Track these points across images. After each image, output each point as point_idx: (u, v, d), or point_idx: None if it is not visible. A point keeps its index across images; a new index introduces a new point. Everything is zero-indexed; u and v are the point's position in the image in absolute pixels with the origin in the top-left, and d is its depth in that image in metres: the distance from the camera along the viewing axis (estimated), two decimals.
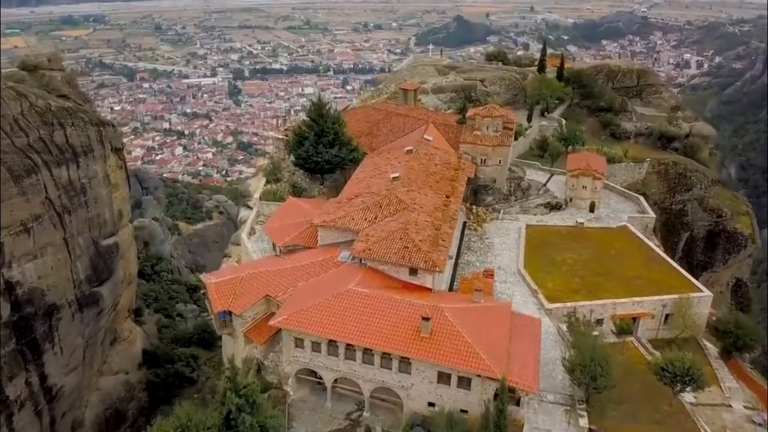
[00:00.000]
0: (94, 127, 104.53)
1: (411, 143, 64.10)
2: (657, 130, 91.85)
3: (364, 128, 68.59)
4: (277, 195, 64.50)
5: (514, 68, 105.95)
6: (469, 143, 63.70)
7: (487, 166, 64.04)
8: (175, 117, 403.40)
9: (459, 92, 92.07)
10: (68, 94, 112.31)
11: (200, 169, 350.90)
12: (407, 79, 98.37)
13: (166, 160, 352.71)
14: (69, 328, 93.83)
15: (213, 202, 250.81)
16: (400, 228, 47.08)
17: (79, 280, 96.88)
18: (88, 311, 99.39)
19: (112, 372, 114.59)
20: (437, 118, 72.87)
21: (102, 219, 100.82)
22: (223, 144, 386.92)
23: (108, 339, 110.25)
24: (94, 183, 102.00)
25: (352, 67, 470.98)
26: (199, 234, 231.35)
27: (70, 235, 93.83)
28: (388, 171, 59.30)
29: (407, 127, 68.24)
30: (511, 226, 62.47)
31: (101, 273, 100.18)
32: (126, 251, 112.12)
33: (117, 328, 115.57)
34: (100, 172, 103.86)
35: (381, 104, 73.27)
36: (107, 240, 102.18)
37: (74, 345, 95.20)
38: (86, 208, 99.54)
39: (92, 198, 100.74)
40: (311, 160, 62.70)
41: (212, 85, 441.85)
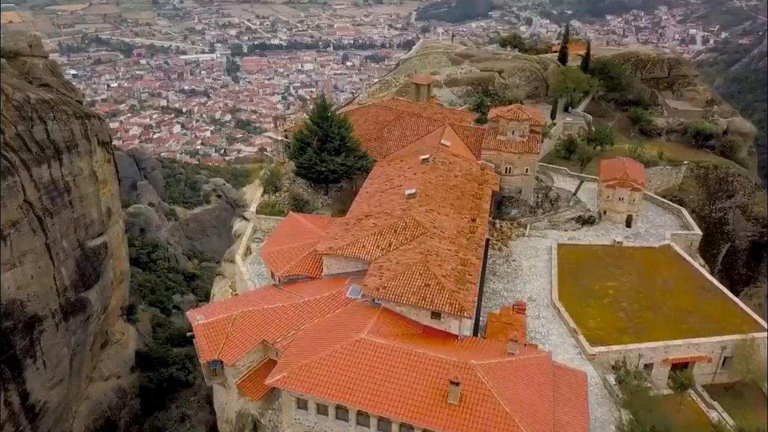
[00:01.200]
0: (79, 120, 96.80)
1: (426, 149, 56.67)
2: (693, 127, 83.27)
3: (373, 131, 60.90)
4: (276, 207, 56.98)
5: (534, 57, 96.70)
6: (493, 150, 56.19)
7: (512, 176, 56.54)
8: (173, 94, 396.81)
9: (475, 85, 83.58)
10: (51, 83, 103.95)
11: (198, 148, 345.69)
12: (417, 69, 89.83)
13: (164, 138, 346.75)
14: (53, 339, 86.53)
15: (211, 185, 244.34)
16: (420, 260, 41.11)
17: (63, 287, 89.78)
18: (74, 319, 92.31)
19: (102, 378, 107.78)
20: (454, 118, 65.05)
21: (89, 219, 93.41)
22: (221, 122, 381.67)
23: (98, 343, 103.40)
24: (80, 181, 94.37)
25: (353, 43, 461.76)
26: (196, 219, 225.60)
27: (52, 239, 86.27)
28: (402, 184, 52.02)
29: (421, 130, 60.68)
30: (539, 244, 55.08)
31: (88, 277, 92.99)
32: (116, 250, 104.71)
33: (108, 330, 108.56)
34: (86, 168, 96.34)
35: (392, 102, 65.47)
36: (95, 240, 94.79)
37: (59, 357, 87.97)
38: (71, 209, 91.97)
39: (77, 197, 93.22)
40: (314, 169, 55.21)
41: (210, 62, 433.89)
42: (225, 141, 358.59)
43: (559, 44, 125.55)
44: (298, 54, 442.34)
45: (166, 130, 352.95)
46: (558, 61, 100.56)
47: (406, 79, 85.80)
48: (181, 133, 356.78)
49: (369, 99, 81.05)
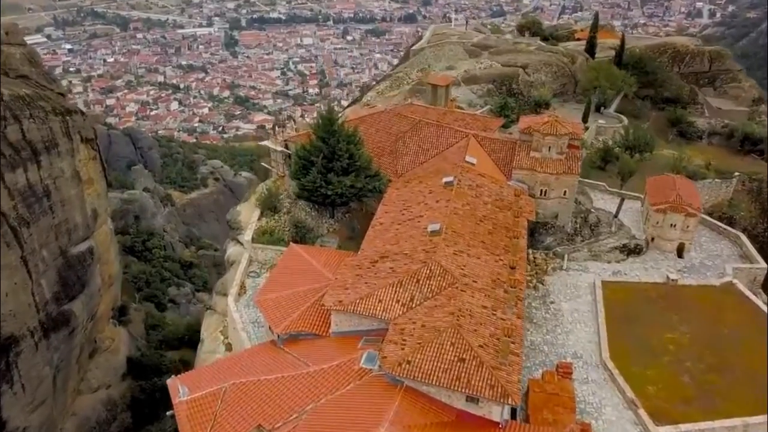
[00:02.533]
0: (59, 116, 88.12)
1: (449, 168, 49.57)
2: (740, 130, 74.06)
3: (385, 143, 52.71)
4: (275, 235, 48.73)
5: (559, 49, 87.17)
6: (526, 170, 48.28)
7: (548, 199, 48.53)
8: (170, 70, 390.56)
9: (497, 83, 74.35)
10: (29, 75, 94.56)
11: (196, 125, 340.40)
12: (431, 63, 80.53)
13: (161, 116, 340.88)
14: (32, 360, 78.70)
15: (208, 168, 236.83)
16: (450, 323, 34.37)
17: (44, 301, 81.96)
18: (57, 335, 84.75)
19: (91, 389, 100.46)
20: (477, 125, 56.24)
21: (72, 224, 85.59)
22: (219, 98, 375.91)
23: (86, 353, 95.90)
24: (61, 183, 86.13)
25: (353, 17, 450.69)
26: (193, 203, 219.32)
27: (30, 251, 77.99)
28: (422, 215, 45.37)
29: (441, 142, 52.62)
30: (580, 280, 47.25)
31: (72, 287, 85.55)
32: (104, 253, 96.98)
33: (97, 337, 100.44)
34: (68, 169, 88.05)
35: (406, 108, 56.88)
36: (79, 246, 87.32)
37: (40, 377, 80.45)
38: (51, 215, 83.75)
39: (58, 201, 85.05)
40: (319, 192, 46.26)
41: (208, 36, 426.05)
42: (223, 118, 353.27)
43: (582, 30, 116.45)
44: (297, 28, 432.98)
45: (163, 106, 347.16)
46: (586, 53, 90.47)
47: (419, 75, 76.66)
48: (179, 109, 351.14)
49: (378, 98, 71.97)
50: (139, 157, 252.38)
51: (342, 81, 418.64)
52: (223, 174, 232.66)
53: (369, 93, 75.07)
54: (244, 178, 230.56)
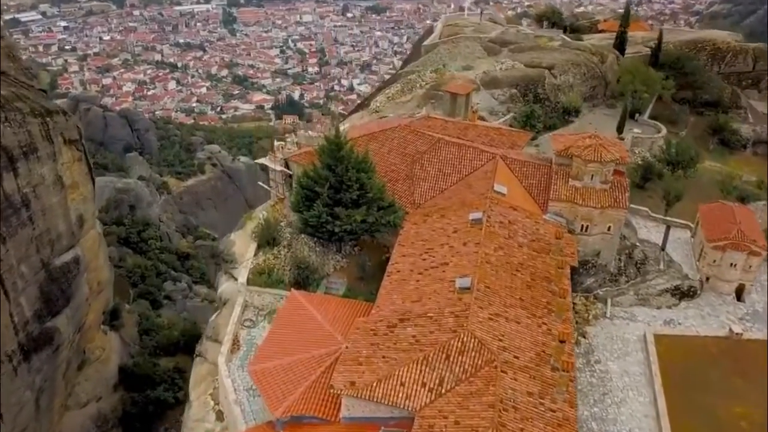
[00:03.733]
0: (38, 118, 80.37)
1: (474, 199, 44.88)
2: None
3: (400, 166, 45.54)
4: (274, 276, 41.41)
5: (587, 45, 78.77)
6: (565, 202, 39.79)
7: (589, 235, 41.41)
8: (168, 48, 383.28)
9: (520, 86, 66.27)
10: (7, 71, 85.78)
11: (194, 105, 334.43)
12: (446, 62, 72.28)
13: (159, 96, 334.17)
14: (11, 386, 71.68)
15: (206, 153, 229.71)
16: (491, 420, 28.09)
17: (23, 321, 74.99)
18: (39, 355, 77.90)
19: (79, 405, 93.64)
20: (502, 140, 49.09)
21: (54, 233, 78.60)
22: (217, 78, 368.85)
23: (74, 366, 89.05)
24: (41, 191, 78.47)
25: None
26: (190, 191, 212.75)
27: (6, 268, 70.75)
28: (447, 261, 40.33)
29: (464, 165, 45.56)
30: (628, 331, 40.50)
31: (56, 302, 78.81)
32: (92, 260, 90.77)
33: (86, 348, 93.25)
34: (49, 174, 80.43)
35: (423, 123, 49.81)
36: (63, 257, 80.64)
37: (21, 403, 73.59)
38: (31, 226, 76.39)
39: (39, 210, 77.59)
40: (325, 228, 38.51)
41: (206, 13, 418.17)
42: (221, 98, 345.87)
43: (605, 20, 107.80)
44: (296, 5, 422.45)
45: (160, 86, 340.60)
46: (615, 48, 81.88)
47: (433, 76, 68.52)
48: (176, 89, 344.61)
49: (389, 104, 63.99)
50: (136, 139, 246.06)
51: (342, 59, 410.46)
52: (221, 159, 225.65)
53: (378, 97, 67.19)
54: (243, 164, 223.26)
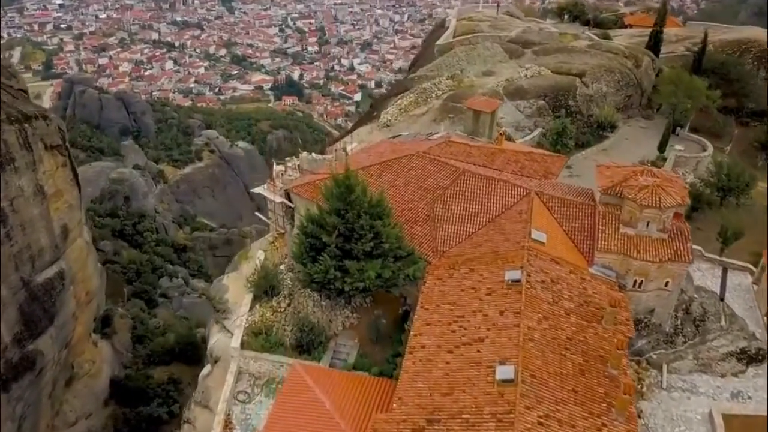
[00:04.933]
0: (15, 125, 73.74)
1: (509, 248, 37.70)
2: None
3: (419, 203, 38.81)
4: (273, 337, 35.37)
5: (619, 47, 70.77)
6: (616, 255, 32.52)
7: (643, 292, 34.55)
8: (165, 26, 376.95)
9: (549, 97, 58.45)
10: None
11: (192, 86, 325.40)
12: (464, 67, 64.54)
13: (156, 76, 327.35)
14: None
15: (203, 139, 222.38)
16: None
17: (2, 347, 67.88)
18: (20, 383, 71.96)
19: (68, 424, 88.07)
20: (534, 168, 42.35)
21: (36, 248, 72.44)
22: (215, 57, 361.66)
23: (61, 383, 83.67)
24: (20, 204, 71.81)
25: None
26: (187, 179, 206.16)
27: None
28: (482, 336, 32.54)
29: (494, 203, 38.71)
30: (689, 408, 35.41)
31: (38, 322, 73.62)
32: (79, 271, 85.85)
33: (74, 362, 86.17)
34: (29, 186, 73.57)
35: (444, 149, 43.16)
36: (46, 272, 75.76)
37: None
38: (9, 242, 70.32)
39: (18, 225, 71.03)
40: (333, 286, 31.39)
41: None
42: (220, 78, 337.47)
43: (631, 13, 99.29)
44: None
45: (157, 66, 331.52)
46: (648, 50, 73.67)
47: (450, 83, 60.77)
48: (174, 69, 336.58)
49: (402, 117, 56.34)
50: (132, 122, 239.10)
51: (342, 38, 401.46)
52: (219, 145, 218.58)
53: (389, 108, 59.33)
54: (241, 149, 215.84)
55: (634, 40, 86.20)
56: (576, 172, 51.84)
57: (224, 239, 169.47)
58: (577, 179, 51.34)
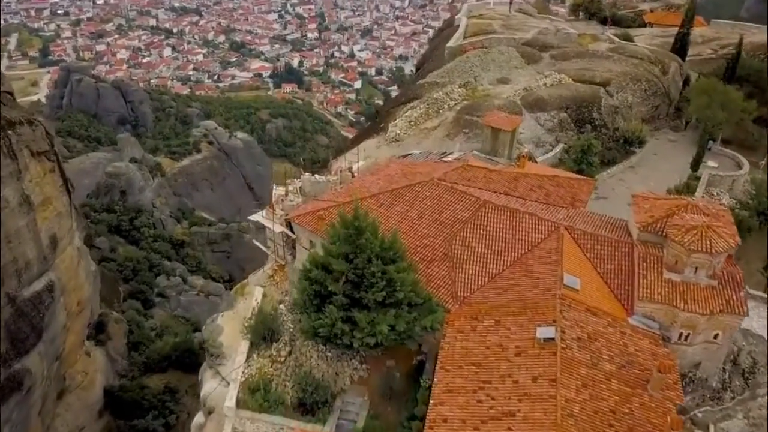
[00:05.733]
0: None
1: (538, 296, 33.35)
2: None
3: (435, 239, 35.56)
4: (272, 393, 32.90)
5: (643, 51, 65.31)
6: (659, 304, 28.25)
7: (689, 345, 29.69)
8: (163, 12, 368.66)
9: (571, 109, 53.43)
10: None
11: (190, 73, 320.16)
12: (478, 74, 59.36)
13: (154, 63, 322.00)
14: None
15: (201, 130, 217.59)
16: None
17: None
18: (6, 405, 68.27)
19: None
20: (560, 195, 38.06)
21: (22, 261, 70.31)
22: (214, 44, 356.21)
23: (51, 398, 79.95)
24: (5, 216, 68.50)
25: None
26: (185, 171, 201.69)
27: None
28: (513, 411, 28.14)
29: (520, 239, 35.07)
30: None
31: (25, 340, 70.13)
32: (70, 280, 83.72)
33: (66, 374, 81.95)
34: (13, 196, 69.32)
35: (461, 174, 38.73)
36: (34, 285, 72.46)
37: None
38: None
39: (2, 238, 66.03)
40: (341, 341, 26.88)
41: None
42: (218, 66, 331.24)
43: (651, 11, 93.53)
44: None
45: (155, 53, 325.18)
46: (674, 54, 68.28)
47: (462, 92, 55.82)
48: (172, 56, 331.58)
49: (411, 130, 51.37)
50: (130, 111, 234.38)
51: (342, 24, 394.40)
52: (218, 137, 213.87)
53: (397, 120, 54.07)
54: (240, 140, 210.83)
55: (657, 41, 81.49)
56: (602, 192, 47.21)
57: (223, 234, 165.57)
58: (604, 203, 46.76)
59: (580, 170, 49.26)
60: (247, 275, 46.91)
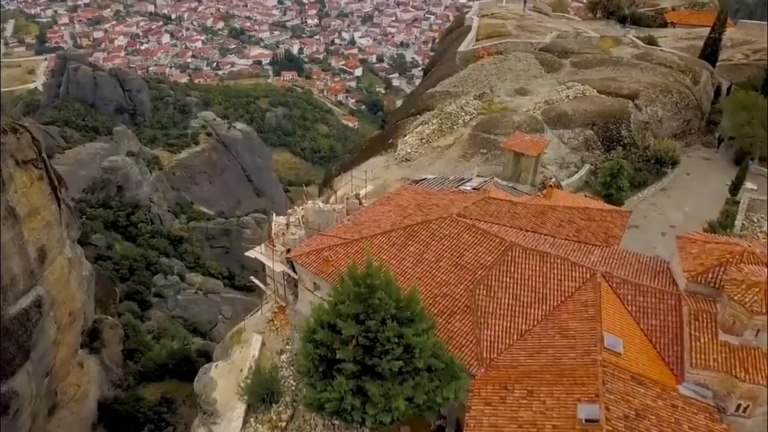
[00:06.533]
0: None
1: (575, 360, 28.78)
2: None
3: (456, 288, 32.38)
4: None
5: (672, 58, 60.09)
6: (715, 372, 23.66)
7: (747, 417, 24.62)
8: None
9: (597, 125, 48.58)
10: None
11: (189, 61, 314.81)
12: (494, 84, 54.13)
13: (152, 50, 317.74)
14: None
15: (199, 121, 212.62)
16: None
17: None
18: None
19: None
20: (592, 230, 34.49)
21: (7, 278, 70.29)
22: (213, 30, 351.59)
23: (42, 414, 74.95)
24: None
25: None
26: (183, 164, 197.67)
27: None
28: None
29: (551, 288, 31.59)
30: None
31: (11, 361, 68.41)
32: (61, 292, 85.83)
33: (57, 389, 77.43)
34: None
35: (483, 207, 34.20)
36: (20, 302, 70.62)
37: None
38: None
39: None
40: (351, 418, 22.15)
41: None
42: (217, 53, 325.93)
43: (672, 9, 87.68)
44: None
45: (154, 40, 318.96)
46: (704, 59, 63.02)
47: (477, 104, 50.84)
48: (170, 43, 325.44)
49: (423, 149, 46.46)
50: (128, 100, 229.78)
51: (342, 10, 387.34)
52: (216, 128, 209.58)
53: (407, 136, 49.05)
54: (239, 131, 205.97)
55: (682, 43, 76.34)
56: (633, 219, 42.75)
57: (222, 229, 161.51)
58: (636, 232, 42.34)
59: (608, 195, 44.72)
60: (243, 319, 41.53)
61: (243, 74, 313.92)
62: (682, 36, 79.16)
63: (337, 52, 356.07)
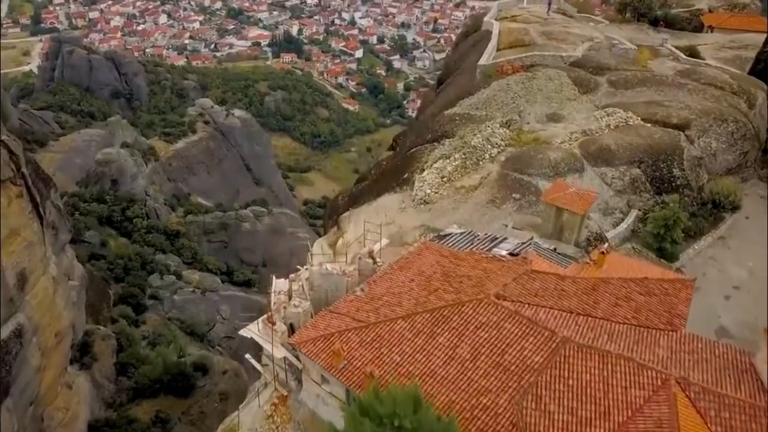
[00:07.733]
0: None
1: None
2: None
3: (497, 395, 25.00)
4: None
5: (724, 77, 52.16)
6: None
7: None
8: None
9: (645, 163, 41.67)
10: None
11: (186, 42, 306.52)
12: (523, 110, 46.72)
13: (149, 31, 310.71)
14: None
15: (197, 109, 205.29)
16: None
17: None
18: None
19: None
20: (653, 304, 27.27)
21: None
22: (211, 11, 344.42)
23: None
24: None
25: None
26: (180, 155, 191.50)
27: None
28: None
29: (614, 398, 24.96)
30: None
31: None
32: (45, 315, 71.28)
33: (44, 414, 71.49)
34: None
35: (523, 286, 26.53)
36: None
37: None
38: None
39: None
40: None
41: None
42: (215, 34, 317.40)
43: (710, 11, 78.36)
44: None
45: (150, 20, 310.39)
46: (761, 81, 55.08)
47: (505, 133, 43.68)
48: (168, 24, 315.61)
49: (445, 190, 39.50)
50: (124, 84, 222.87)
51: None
52: (214, 116, 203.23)
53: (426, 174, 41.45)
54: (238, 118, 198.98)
55: (726, 53, 67.62)
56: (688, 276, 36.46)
57: (220, 223, 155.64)
58: (695, 296, 35.81)
59: (660, 248, 38.10)
60: None
61: (241, 56, 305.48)
62: (724, 44, 71.28)
63: (337, 32, 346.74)
